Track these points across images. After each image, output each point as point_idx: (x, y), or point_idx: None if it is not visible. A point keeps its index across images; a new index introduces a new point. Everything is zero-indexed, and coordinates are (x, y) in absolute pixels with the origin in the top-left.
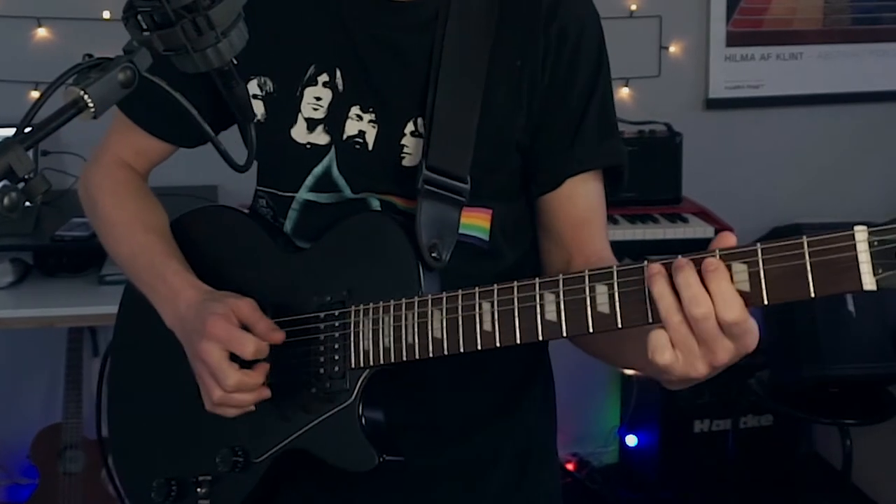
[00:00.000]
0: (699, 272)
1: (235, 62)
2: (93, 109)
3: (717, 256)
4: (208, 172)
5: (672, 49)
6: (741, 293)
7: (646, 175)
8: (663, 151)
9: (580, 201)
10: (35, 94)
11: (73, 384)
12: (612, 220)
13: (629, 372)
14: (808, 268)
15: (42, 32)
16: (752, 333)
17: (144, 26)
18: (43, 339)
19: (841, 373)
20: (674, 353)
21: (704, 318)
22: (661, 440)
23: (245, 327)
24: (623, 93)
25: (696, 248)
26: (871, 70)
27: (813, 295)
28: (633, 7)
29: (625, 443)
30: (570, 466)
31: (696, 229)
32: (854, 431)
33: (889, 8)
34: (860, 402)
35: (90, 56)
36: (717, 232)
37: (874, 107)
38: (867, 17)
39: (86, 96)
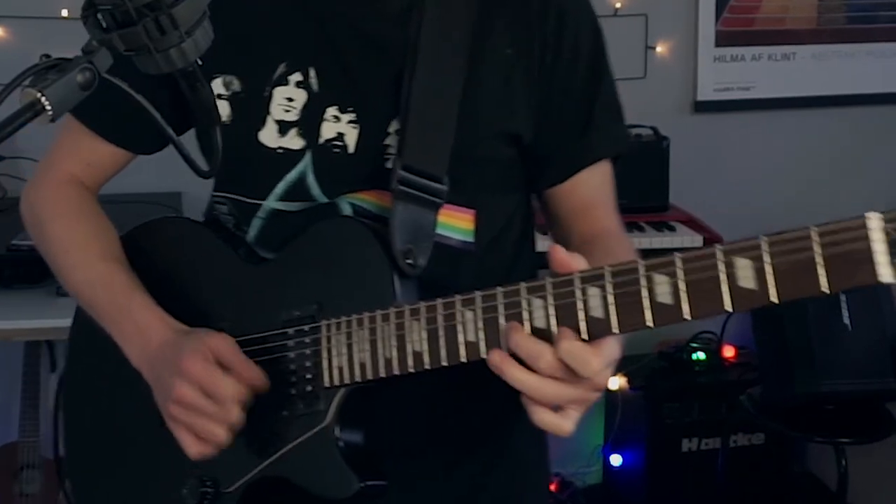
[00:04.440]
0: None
1: (200, 63)
2: (50, 112)
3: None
4: (172, 179)
5: (659, 49)
6: (746, 291)
7: (631, 181)
8: (649, 156)
9: (583, 189)
10: None
11: (29, 401)
12: None
13: (614, 388)
14: (819, 261)
15: None
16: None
17: (105, 25)
18: None
19: (836, 389)
20: (570, 415)
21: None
22: (647, 460)
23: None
24: None
25: None
26: (867, 71)
27: (827, 291)
28: (618, 5)
29: (609, 462)
30: (551, 487)
31: (684, 238)
32: (850, 450)
33: (885, 6)
34: (856, 420)
35: (47, 56)
36: (705, 241)
37: (870, 109)
38: (863, 15)
39: (43, 98)
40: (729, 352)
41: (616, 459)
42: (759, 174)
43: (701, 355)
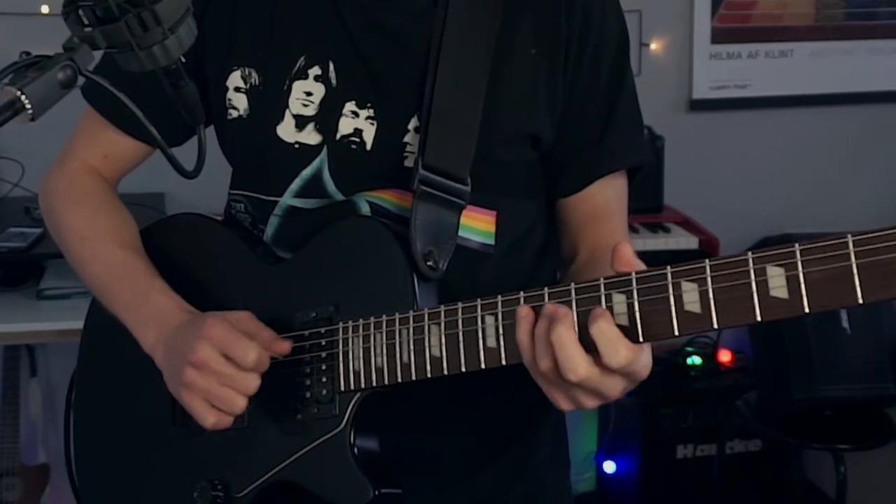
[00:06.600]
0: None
1: (184, 60)
2: (30, 111)
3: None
4: (155, 179)
5: (653, 46)
6: (778, 300)
7: None
8: None
9: (598, 199)
10: None
11: (9, 407)
12: None
13: None
14: (855, 271)
15: None
16: (644, 367)
17: (86, 22)
18: None
19: (834, 394)
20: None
21: (582, 381)
22: (641, 467)
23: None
24: None
25: (678, 261)
26: (866, 69)
27: (861, 301)
28: None
29: (602, 469)
30: None
31: (679, 240)
32: (848, 457)
33: (884, 3)
34: (855, 426)
35: (27, 54)
36: (701, 243)
37: (869, 108)
38: (862, 11)
39: (23, 97)
40: (725, 356)
41: (610, 466)
42: (755, 174)
43: (696, 360)
